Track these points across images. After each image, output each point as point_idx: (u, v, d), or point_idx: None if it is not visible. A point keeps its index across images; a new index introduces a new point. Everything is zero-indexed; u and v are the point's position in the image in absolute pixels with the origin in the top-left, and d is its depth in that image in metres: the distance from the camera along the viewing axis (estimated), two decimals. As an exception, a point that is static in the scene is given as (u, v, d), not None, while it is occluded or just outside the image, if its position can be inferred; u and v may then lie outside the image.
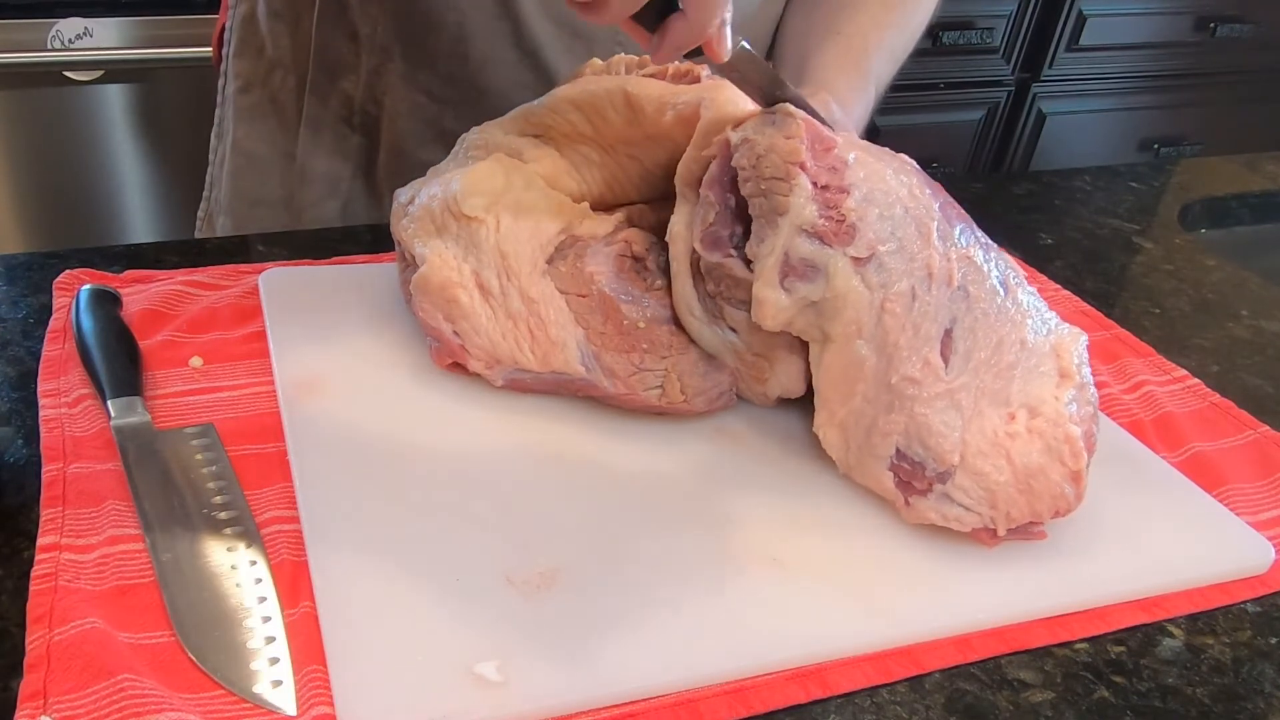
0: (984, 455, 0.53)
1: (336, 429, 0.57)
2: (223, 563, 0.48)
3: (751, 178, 0.54)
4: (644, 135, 0.61)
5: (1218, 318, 0.82)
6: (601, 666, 0.45)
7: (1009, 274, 0.58)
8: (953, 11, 1.93)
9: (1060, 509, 0.53)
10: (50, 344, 0.61)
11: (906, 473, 0.53)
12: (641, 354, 0.59)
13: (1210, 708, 0.48)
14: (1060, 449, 0.53)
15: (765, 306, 0.54)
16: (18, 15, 1.39)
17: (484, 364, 0.59)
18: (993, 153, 2.15)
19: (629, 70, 0.63)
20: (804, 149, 0.53)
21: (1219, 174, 1.15)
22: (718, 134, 0.56)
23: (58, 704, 0.41)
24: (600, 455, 0.58)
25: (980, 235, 0.58)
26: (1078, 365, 0.56)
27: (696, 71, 0.61)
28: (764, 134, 0.54)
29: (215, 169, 0.94)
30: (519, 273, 0.58)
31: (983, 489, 0.52)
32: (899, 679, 0.47)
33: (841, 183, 0.53)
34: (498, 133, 0.65)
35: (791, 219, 0.53)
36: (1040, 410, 0.54)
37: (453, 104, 0.79)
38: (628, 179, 0.64)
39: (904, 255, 0.53)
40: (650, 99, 0.60)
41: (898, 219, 0.54)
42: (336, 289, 0.69)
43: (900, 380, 0.53)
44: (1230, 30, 2.18)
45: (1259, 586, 0.55)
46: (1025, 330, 0.56)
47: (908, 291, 0.53)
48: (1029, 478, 0.52)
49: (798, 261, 0.53)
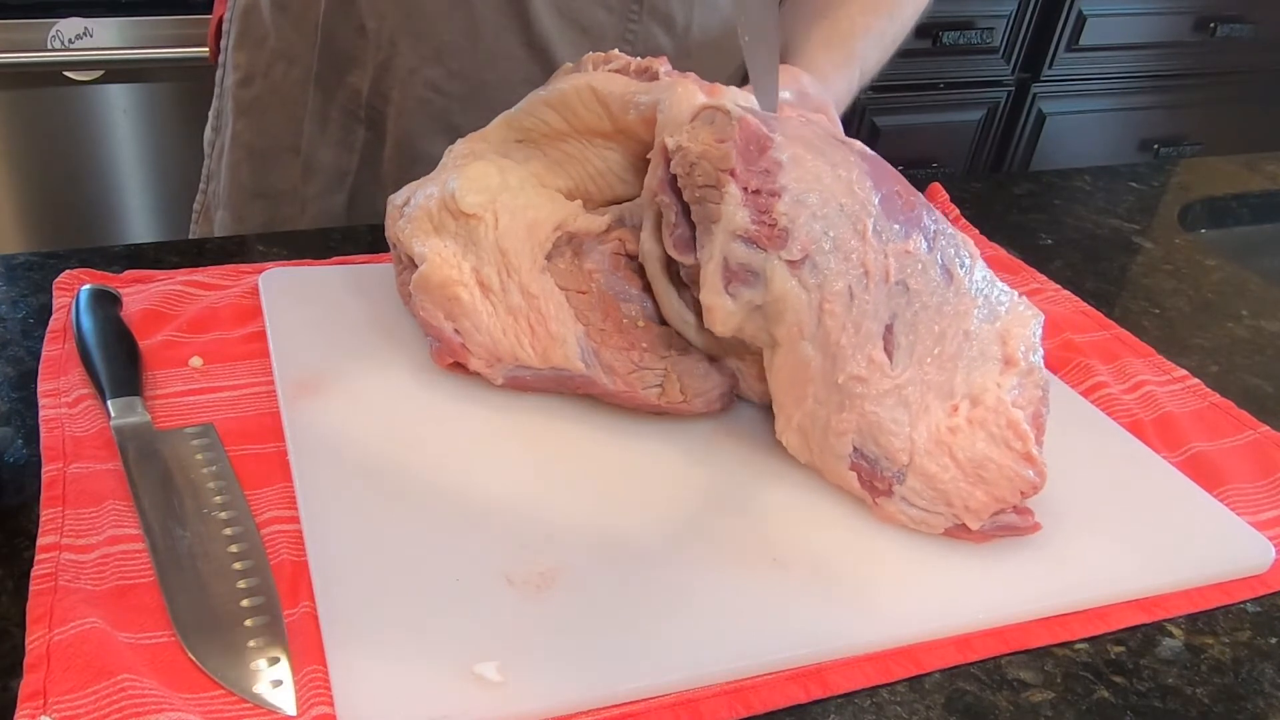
0: (929, 454, 0.53)
1: (336, 429, 0.57)
2: (223, 563, 0.48)
3: (687, 185, 0.55)
4: (615, 129, 0.62)
5: (1218, 318, 0.82)
6: (601, 666, 0.45)
7: (956, 259, 0.57)
8: (953, 11, 1.93)
9: (1024, 489, 0.53)
10: (50, 344, 0.61)
11: (867, 472, 0.54)
12: (641, 352, 0.59)
13: (1210, 708, 0.48)
14: (1004, 434, 0.53)
15: (714, 313, 0.55)
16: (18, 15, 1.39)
17: (485, 362, 0.59)
18: (993, 153, 2.15)
19: (595, 67, 0.64)
20: (734, 154, 0.53)
21: (1219, 174, 1.15)
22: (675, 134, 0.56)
23: (58, 704, 0.41)
24: (600, 455, 0.58)
25: (930, 220, 0.58)
26: (1023, 351, 0.56)
27: (656, 67, 0.61)
28: (697, 140, 0.54)
29: (212, 162, 0.93)
30: (519, 268, 0.58)
31: (933, 490, 0.53)
32: (899, 679, 0.47)
33: (773, 186, 0.53)
34: (481, 143, 0.65)
35: (724, 225, 0.53)
36: (981, 399, 0.54)
37: (460, 98, 0.79)
38: (610, 171, 0.64)
39: (839, 254, 0.53)
40: (614, 96, 0.60)
41: (831, 218, 0.54)
42: (336, 289, 0.69)
43: (847, 379, 0.53)
44: (1230, 30, 2.18)
45: (1259, 586, 0.55)
46: (970, 320, 0.56)
47: (844, 291, 0.53)
48: (977, 469, 0.53)
49: (737, 267, 0.54)
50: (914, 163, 2.03)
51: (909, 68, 1.94)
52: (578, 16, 0.81)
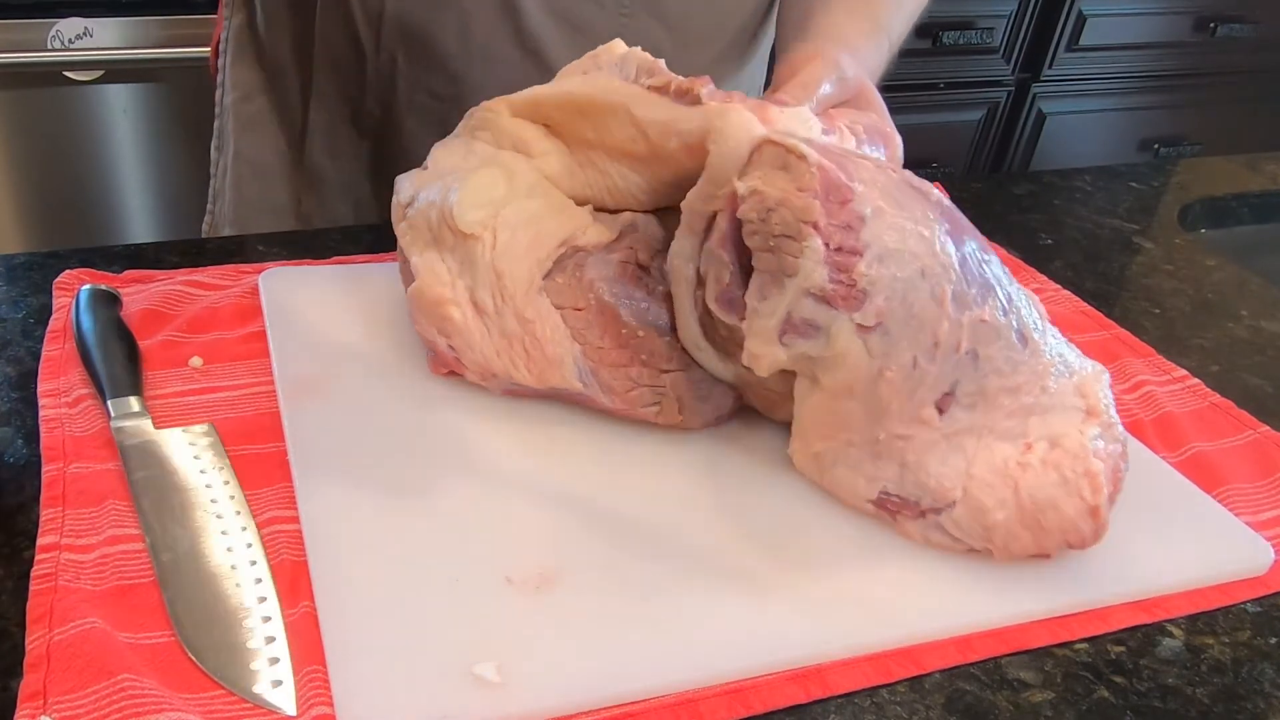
0: (988, 488, 0.51)
1: (336, 429, 0.57)
2: (223, 563, 0.48)
3: (759, 231, 0.50)
4: (647, 154, 0.59)
5: (1218, 318, 0.82)
6: (601, 666, 0.45)
7: (1030, 323, 0.54)
8: (953, 11, 1.93)
9: (1073, 542, 0.51)
10: (50, 344, 0.61)
11: (895, 505, 0.53)
12: (640, 367, 0.58)
13: (1210, 708, 0.48)
14: (1079, 482, 0.50)
15: (761, 360, 0.52)
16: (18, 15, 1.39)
17: (479, 377, 0.59)
18: (993, 153, 2.15)
19: (637, 76, 0.61)
20: (818, 206, 0.49)
21: (1219, 174, 1.15)
22: (730, 170, 0.53)
23: (58, 704, 0.41)
24: (600, 455, 0.58)
25: (1005, 278, 0.54)
26: (1105, 405, 0.53)
27: (697, 89, 0.57)
28: (774, 185, 0.50)
29: (218, 181, 0.93)
30: (514, 293, 0.57)
31: (979, 525, 0.51)
32: (899, 679, 0.47)
33: (855, 243, 0.49)
34: (504, 114, 0.63)
35: (799, 282, 0.49)
36: (1061, 442, 0.51)
37: (458, 102, 0.79)
38: (629, 190, 0.62)
39: (913, 324, 0.50)
40: (654, 124, 0.57)
41: (911, 282, 0.50)
42: (336, 289, 0.69)
43: (889, 437, 0.51)
44: (1230, 30, 2.18)
45: (1259, 587, 0.55)
46: (1047, 379, 0.53)
47: (909, 362, 0.50)
48: (1037, 513, 0.50)
49: (799, 320, 0.50)
50: (914, 163, 2.00)
51: (909, 68, 1.94)
52: (568, 14, 0.80)
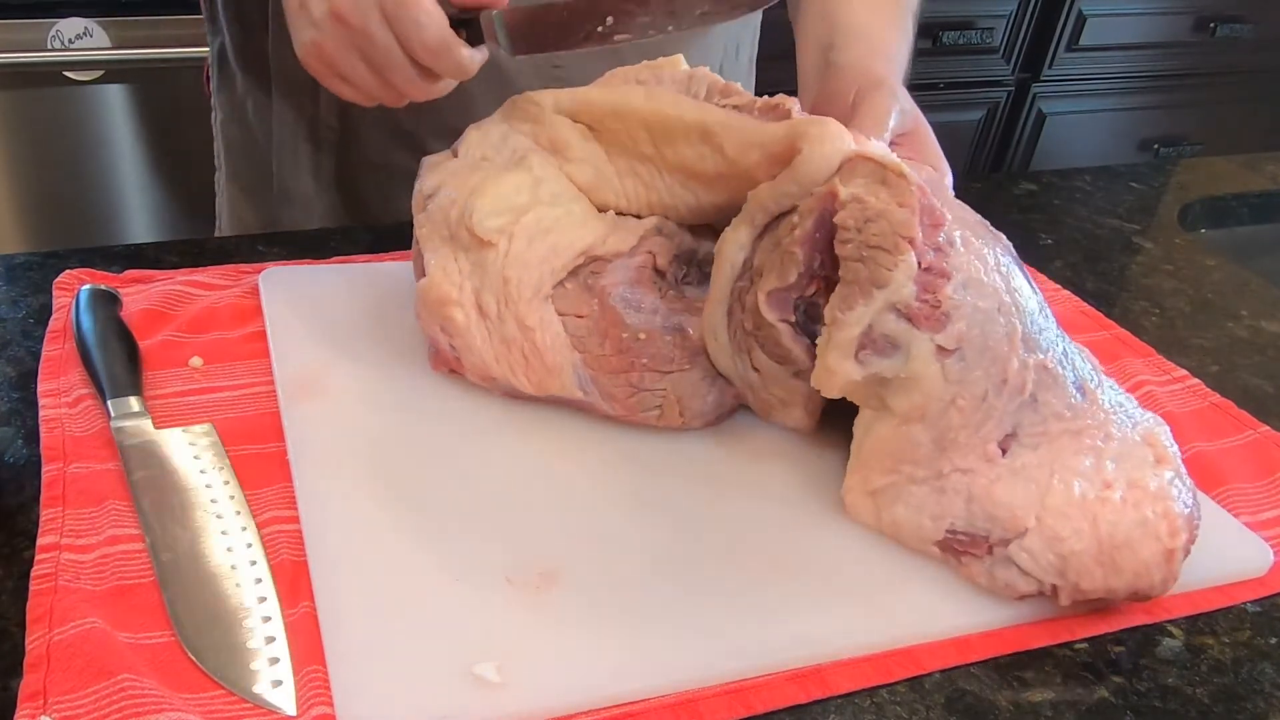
0: (1064, 517, 0.49)
1: (336, 429, 0.57)
2: (223, 563, 0.48)
3: (854, 240, 0.50)
4: (715, 173, 0.57)
5: (1218, 318, 0.82)
6: (601, 666, 0.45)
7: (1086, 375, 0.54)
8: (953, 11, 1.93)
9: (1139, 591, 0.49)
10: (50, 344, 0.61)
11: (963, 544, 0.51)
12: (640, 372, 0.57)
13: (1210, 708, 0.48)
14: (1157, 524, 0.49)
15: (834, 378, 0.51)
16: (18, 15, 1.39)
17: (478, 379, 0.59)
18: (993, 153, 2.15)
19: (709, 95, 0.59)
20: (917, 223, 0.49)
21: (1219, 174, 1.15)
22: (817, 175, 0.52)
23: (58, 704, 0.41)
24: (600, 455, 0.58)
25: (1061, 331, 0.55)
26: (1174, 454, 0.53)
27: (787, 105, 0.56)
28: (877, 196, 0.50)
29: (219, 200, 0.96)
30: (517, 300, 0.56)
31: (1054, 553, 0.49)
32: (899, 679, 0.47)
33: (944, 266, 0.50)
34: (549, 107, 0.61)
35: (888, 294, 0.49)
36: (1141, 484, 0.50)
37: (414, 109, 0.78)
38: (679, 204, 0.60)
39: (987, 356, 0.50)
40: (733, 140, 0.55)
41: (990, 314, 0.50)
42: (336, 289, 0.69)
43: (953, 470, 0.51)
44: (1230, 30, 2.18)
45: (1258, 588, 0.55)
46: (1111, 428, 0.52)
47: (981, 394, 0.50)
48: (1114, 549, 0.49)
49: (879, 336, 0.50)
50: (914, 163, 2.02)
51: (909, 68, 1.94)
52: None
